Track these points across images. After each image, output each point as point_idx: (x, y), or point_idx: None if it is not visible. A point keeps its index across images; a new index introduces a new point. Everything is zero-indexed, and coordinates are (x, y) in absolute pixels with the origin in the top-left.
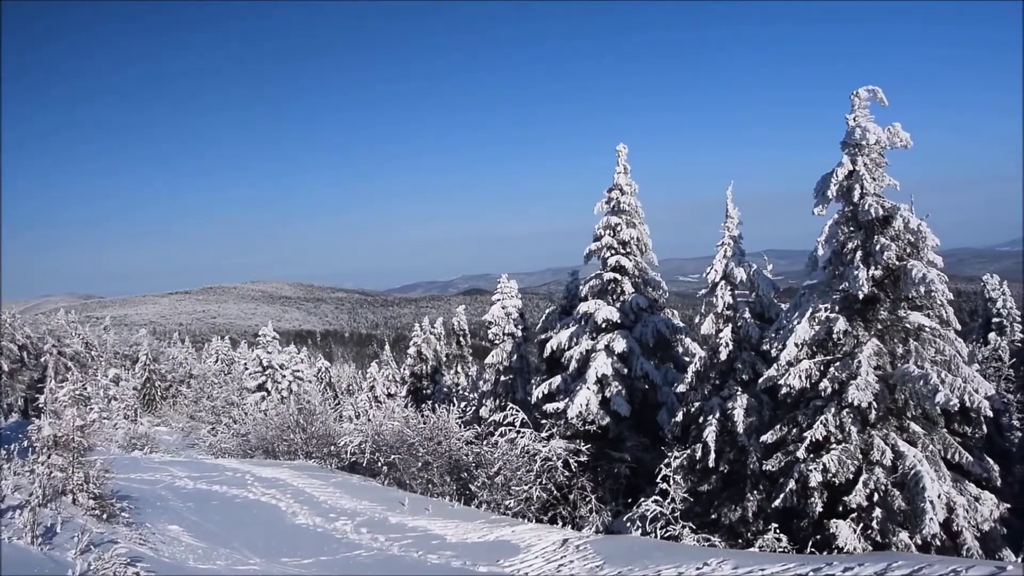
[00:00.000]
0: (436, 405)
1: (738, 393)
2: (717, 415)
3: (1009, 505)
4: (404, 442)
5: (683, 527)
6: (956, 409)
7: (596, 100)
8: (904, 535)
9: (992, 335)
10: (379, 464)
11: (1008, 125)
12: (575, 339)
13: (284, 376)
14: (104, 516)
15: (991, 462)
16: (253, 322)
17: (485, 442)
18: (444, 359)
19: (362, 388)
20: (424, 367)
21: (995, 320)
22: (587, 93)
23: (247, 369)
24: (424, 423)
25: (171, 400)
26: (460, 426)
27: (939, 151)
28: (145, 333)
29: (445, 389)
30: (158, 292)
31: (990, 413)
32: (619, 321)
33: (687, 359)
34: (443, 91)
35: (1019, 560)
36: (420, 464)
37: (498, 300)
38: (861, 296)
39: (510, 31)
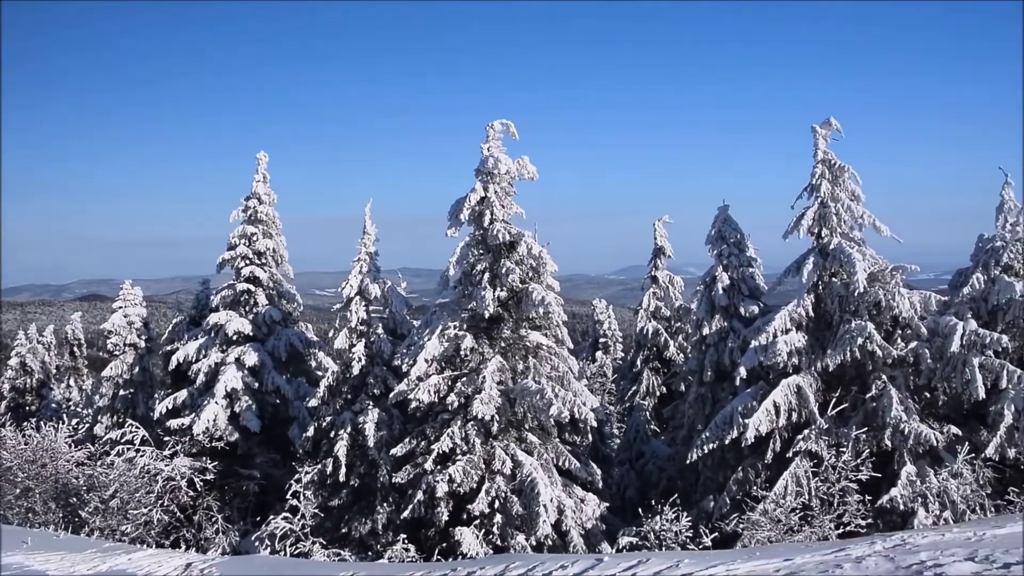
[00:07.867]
0: (42, 423)
1: (370, 407)
2: (349, 429)
3: (607, 504)
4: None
5: (314, 543)
6: (567, 420)
7: (232, 103)
8: (521, 537)
9: (599, 353)
10: None
11: (619, 167)
12: (204, 351)
13: None
14: None
15: (595, 467)
16: None
17: (100, 462)
18: (54, 371)
19: None
20: (29, 380)
21: (602, 340)
22: (222, 94)
23: None
24: (26, 444)
25: None
26: (70, 446)
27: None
28: None
29: (54, 405)
30: None
31: (595, 423)
32: (252, 334)
33: (320, 373)
34: (57, 81)
35: (614, 551)
36: (19, 491)
37: (120, 308)
38: (487, 315)
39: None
